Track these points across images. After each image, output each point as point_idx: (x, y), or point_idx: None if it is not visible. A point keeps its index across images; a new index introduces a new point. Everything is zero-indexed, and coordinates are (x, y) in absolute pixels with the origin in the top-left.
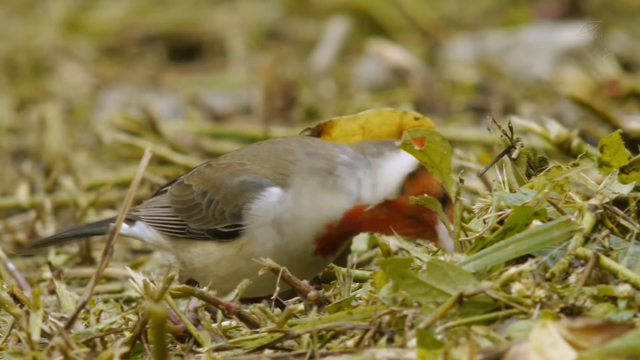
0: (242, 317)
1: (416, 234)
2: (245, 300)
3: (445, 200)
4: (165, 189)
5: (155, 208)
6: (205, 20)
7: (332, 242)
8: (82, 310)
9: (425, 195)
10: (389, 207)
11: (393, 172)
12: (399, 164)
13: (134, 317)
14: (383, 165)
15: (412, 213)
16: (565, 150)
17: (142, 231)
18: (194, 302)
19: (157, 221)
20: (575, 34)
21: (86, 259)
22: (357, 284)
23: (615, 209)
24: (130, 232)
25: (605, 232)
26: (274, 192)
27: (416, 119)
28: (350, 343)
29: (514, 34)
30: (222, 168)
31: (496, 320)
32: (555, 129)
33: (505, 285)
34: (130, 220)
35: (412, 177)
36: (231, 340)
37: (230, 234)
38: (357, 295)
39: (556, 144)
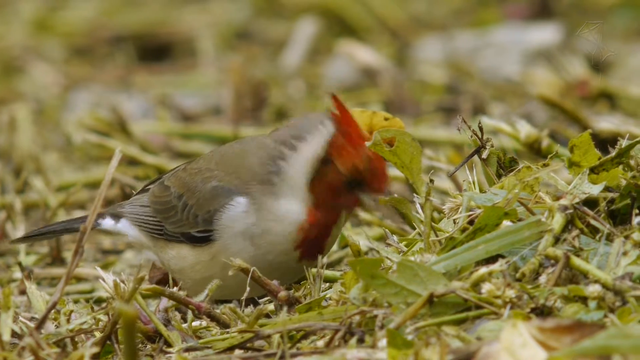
0: (212, 317)
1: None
2: (216, 300)
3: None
4: (149, 186)
5: (137, 206)
6: (175, 20)
7: (315, 242)
8: (53, 311)
9: (396, 195)
10: (322, 185)
11: (298, 178)
12: (298, 169)
13: (104, 318)
14: (289, 171)
15: (333, 204)
16: (535, 151)
17: (126, 228)
18: (164, 302)
19: (139, 219)
20: (545, 34)
21: (56, 259)
22: (328, 284)
23: (586, 209)
24: (115, 228)
25: (575, 232)
26: (241, 202)
27: (386, 119)
28: (320, 343)
29: (483, 34)
30: (195, 172)
31: (467, 320)
32: (525, 129)
33: (476, 286)
34: (116, 216)
35: (332, 146)
36: (201, 341)
37: (202, 239)
38: (328, 296)
39: (526, 144)
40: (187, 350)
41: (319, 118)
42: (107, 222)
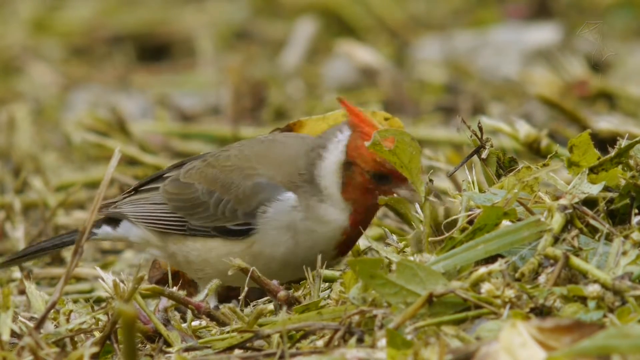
0: (212, 317)
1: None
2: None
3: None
4: (149, 186)
5: (146, 205)
6: (173, 20)
7: (352, 243)
8: (52, 311)
9: (395, 195)
10: (353, 188)
11: (330, 186)
12: (329, 177)
13: (103, 317)
14: (321, 182)
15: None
16: (534, 151)
17: (128, 230)
18: (164, 302)
19: (149, 218)
20: (543, 34)
21: (56, 259)
22: (327, 284)
23: (585, 209)
24: (115, 234)
25: (574, 232)
26: (291, 197)
27: (386, 119)
28: (320, 343)
29: (482, 34)
30: (229, 169)
31: (466, 320)
32: (524, 129)
33: (475, 285)
34: (113, 221)
35: (351, 149)
36: (201, 340)
37: (240, 232)
38: (327, 296)
39: (525, 144)
40: (187, 350)
41: (339, 126)
42: (104, 230)
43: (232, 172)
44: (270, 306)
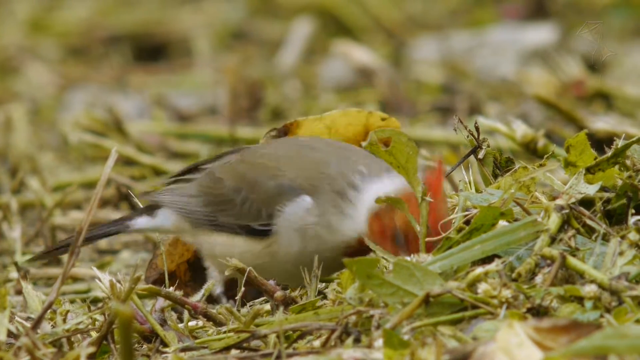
0: (208, 317)
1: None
2: (211, 300)
3: (400, 239)
4: (187, 177)
5: (182, 196)
6: (170, 20)
7: (362, 250)
8: (49, 311)
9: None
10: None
11: (362, 212)
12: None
13: (100, 318)
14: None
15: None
16: (531, 151)
17: (165, 218)
18: (161, 302)
19: (184, 209)
20: (540, 34)
21: (52, 259)
22: (324, 284)
23: (582, 209)
24: (152, 224)
25: (571, 232)
26: (307, 200)
27: (383, 119)
28: (316, 343)
29: (479, 34)
30: (258, 168)
31: (463, 320)
32: (521, 129)
33: (472, 286)
34: (150, 211)
35: (375, 216)
36: (198, 341)
37: (263, 232)
38: (324, 295)
39: (522, 144)
40: (184, 350)
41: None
42: (141, 221)
43: (259, 171)
44: (267, 306)
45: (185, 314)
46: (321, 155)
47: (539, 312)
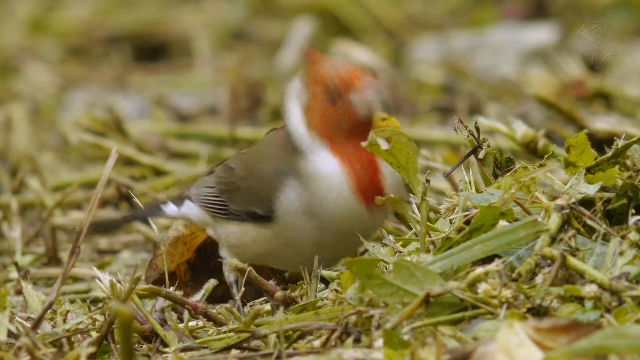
0: (209, 317)
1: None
2: (212, 300)
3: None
4: (216, 168)
5: (203, 187)
6: (170, 20)
7: (369, 181)
8: (49, 311)
9: (392, 195)
10: (318, 120)
11: (294, 110)
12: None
13: (100, 318)
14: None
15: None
16: (531, 151)
17: (190, 210)
18: (161, 302)
19: (203, 200)
20: (540, 34)
21: (52, 259)
22: (324, 284)
23: (582, 209)
24: (179, 212)
25: (571, 232)
26: (292, 182)
27: (383, 119)
28: (317, 343)
29: (479, 34)
30: (259, 153)
31: (463, 320)
32: (521, 129)
33: (472, 286)
34: (180, 200)
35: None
36: (198, 341)
37: (266, 217)
38: (324, 296)
39: (522, 144)
40: (184, 350)
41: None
42: (171, 208)
43: (260, 156)
44: (267, 306)
45: (186, 314)
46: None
47: (539, 312)
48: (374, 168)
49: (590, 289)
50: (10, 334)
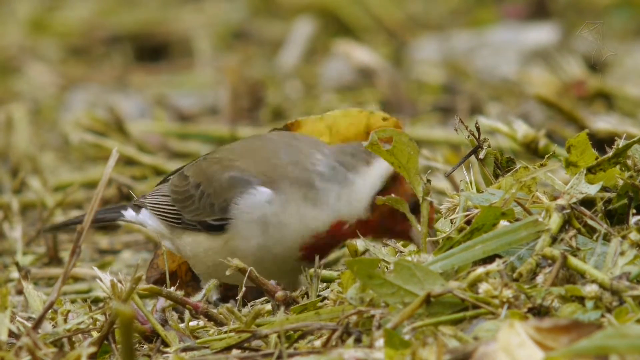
0: (209, 317)
1: (391, 237)
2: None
3: (415, 208)
4: (170, 177)
5: (157, 196)
6: (171, 20)
7: (319, 250)
8: (50, 311)
9: (393, 195)
10: (364, 224)
11: (365, 191)
12: (370, 181)
13: (101, 317)
14: (357, 182)
15: (385, 227)
16: (532, 151)
17: (146, 218)
18: (162, 302)
19: (158, 209)
20: (541, 34)
21: (53, 259)
22: (325, 284)
23: (583, 209)
24: (137, 219)
25: (572, 232)
26: (264, 191)
27: (384, 119)
28: (317, 343)
29: (480, 34)
30: (214, 162)
31: (464, 320)
32: (522, 129)
33: (473, 286)
34: (137, 207)
35: (382, 193)
36: (199, 341)
37: (218, 227)
38: (325, 296)
39: (523, 144)
40: (185, 350)
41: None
42: (129, 213)
43: (214, 164)
44: (268, 306)
45: (187, 314)
46: (272, 145)
47: (540, 312)
48: (335, 245)
49: (591, 289)
50: (11, 333)
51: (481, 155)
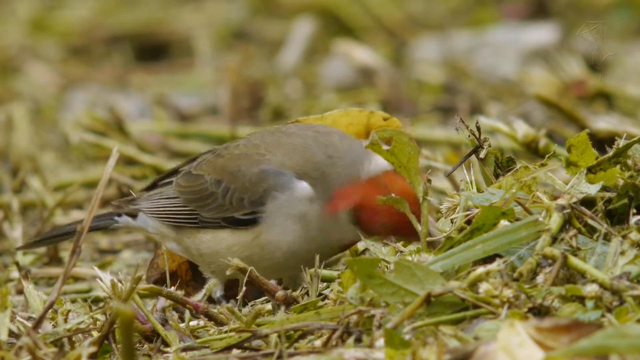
0: (210, 317)
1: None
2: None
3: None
4: (165, 181)
5: (160, 200)
6: (171, 20)
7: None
8: (50, 310)
9: (393, 195)
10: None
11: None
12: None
13: (101, 317)
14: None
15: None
16: (532, 150)
17: (145, 222)
18: (162, 302)
19: (163, 212)
20: (542, 33)
21: (54, 259)
22: (325, 284)
23: (583, 208)
24: (134, 224)
25: (572, 232)
26: (306, 187)
27: (385, 119)
28: (318, 343)
29: (480, 33)
30: (237, 157)
31: (464, 320)
32: (522, 129)
33: (473, 285)
34: (132, 215)
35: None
36: (199, 340)
37: (248, 222)
38: (325, 295)
39: (523, 144)
40: (185, 349)
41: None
42: (124, 219)
43: (239, 159)
44: (268, 306)
45: (187, 314)
46: (299, 140)
47: (540, 311)
48: None
49: (591, 289)
50: (11, 333)
51: (481, 155)
